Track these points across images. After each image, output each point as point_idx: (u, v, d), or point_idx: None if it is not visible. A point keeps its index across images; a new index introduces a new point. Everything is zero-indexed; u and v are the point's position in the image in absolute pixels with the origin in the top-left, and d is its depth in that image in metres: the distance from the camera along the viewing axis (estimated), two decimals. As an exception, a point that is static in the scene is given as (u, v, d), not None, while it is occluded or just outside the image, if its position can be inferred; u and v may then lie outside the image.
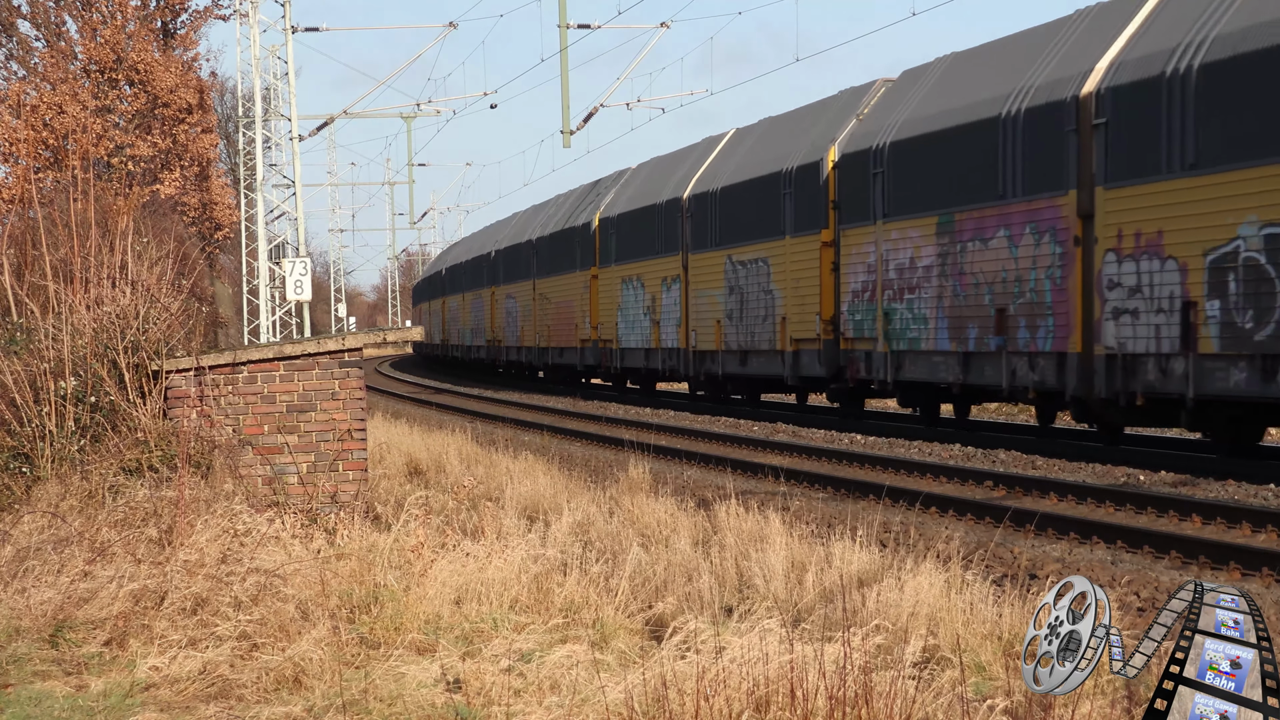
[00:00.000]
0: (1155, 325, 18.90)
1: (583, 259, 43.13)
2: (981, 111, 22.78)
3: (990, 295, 22.49)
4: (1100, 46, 20.67)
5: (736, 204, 32.33)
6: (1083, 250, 20.38)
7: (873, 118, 27.30)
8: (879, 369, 25.88)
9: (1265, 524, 13.52)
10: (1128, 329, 19.39)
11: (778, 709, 6.35)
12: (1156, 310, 18.84)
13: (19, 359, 12.21)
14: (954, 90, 24.48)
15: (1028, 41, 23.09)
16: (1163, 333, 18.75)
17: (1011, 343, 21.91)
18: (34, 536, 9.94)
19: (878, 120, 26.77)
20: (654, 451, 21.10)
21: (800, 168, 29.02)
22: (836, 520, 14.02)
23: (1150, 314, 18.97)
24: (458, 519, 11.78)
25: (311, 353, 12.19)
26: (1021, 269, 21.69)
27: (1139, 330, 19.19)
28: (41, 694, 7.65)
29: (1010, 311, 21.94)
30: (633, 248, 38.84)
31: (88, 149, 37.32)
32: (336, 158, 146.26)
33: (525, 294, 49.91)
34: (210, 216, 54.86)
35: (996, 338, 22.29)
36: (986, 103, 22.78)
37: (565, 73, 43.90)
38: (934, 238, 24.10)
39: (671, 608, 8.96)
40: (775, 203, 30.06)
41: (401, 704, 7.25)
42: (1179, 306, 18.42)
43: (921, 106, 25.19)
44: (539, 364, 48.62)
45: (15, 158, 46.47)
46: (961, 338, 23.31)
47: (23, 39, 52.33)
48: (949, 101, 24.33)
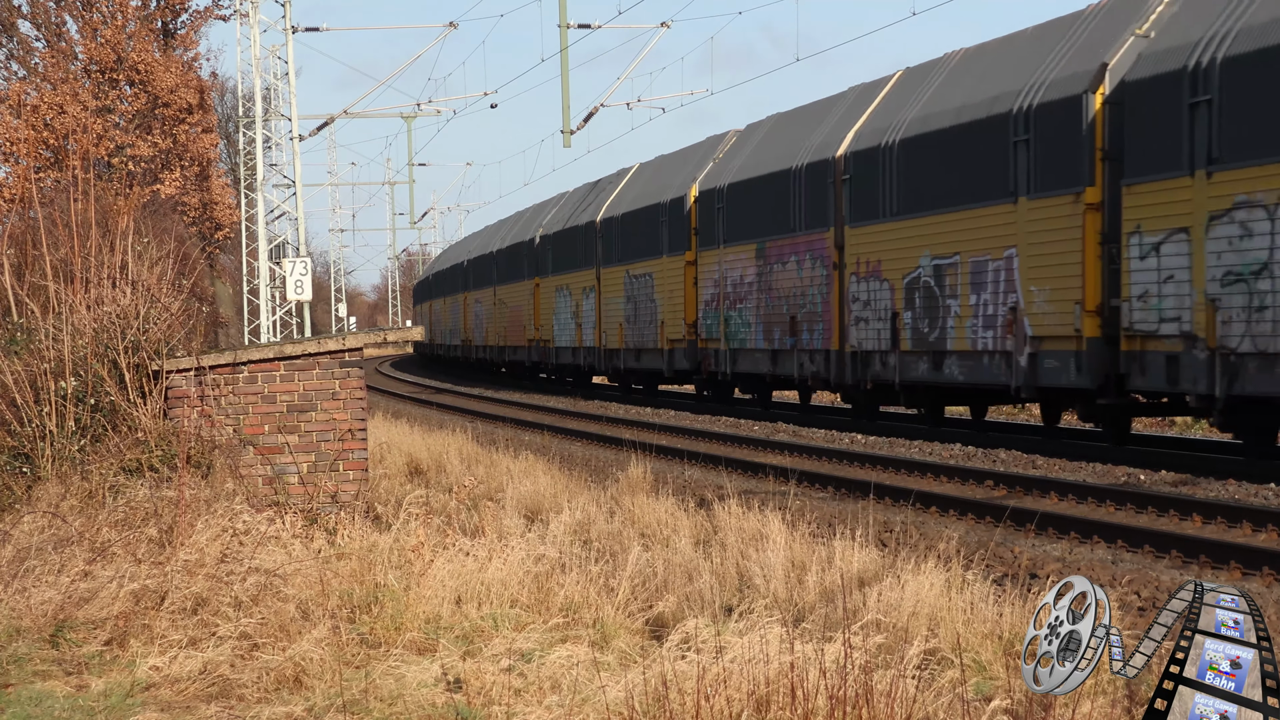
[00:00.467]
0: (877, 330, 25.47)
1: (529, 269, 48.70)
2: (781, 164, 29.34)
3: (787, 305, 28.85)
4: (851, 121, 27.27)
5: (631, 228, 37.85)
6: (839, 273, 26.89)
7: (722, 161, 33.46)
8: (722, 363, 32.10)
9: (1266, 523, 13.52)
10: (863, 332, 25.96)
11: (778, 708, 6.35)
12: (878, 319, 25.41)
13: (19, 359, 12.21)
14: (771, 143, 30.99)
15: (814, 111, 30.13)
16: (881, 335, 25.32)
17: (800, 342, 28.33)
18: (34, 536, 9.94)
19: (723, 164, 33.15)
20: (654, 451, 21.10)
21: (672, 200, 35.04)
22: (837, 520, 14.02)
23: (875, 322, 25.54)
24: (458, 519, 11.79)
25: (312, 353, 12.19)
26: (805, 286, 28.20)
27: (868, 333, 25.79)
28: (42, 694, 7.65)
29: (799, 318, 28.35)
30: (564, 261, 44.27)
31: (88, 149, 37.34)
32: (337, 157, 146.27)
33: (488, 299, 55.88)
34: (210, 216, 54.88)
35: (790, 338, 28.74)
36: (784, 157, 29.36)
37: (565, 72, 43.91)
38: (754, 260, 30.47)
39: (672, 607, 8.97)
40: (656, 228, 35.86)
41: (402, 703, 7.25)
42: (889, 316, 25.02)
43: (751, 155, 31.54)
44: (499, 361, 53.69)
45: (16, 158, 46.49)
46: (771, 338, 29.73)
47: (23, 39, 52.34)
48: (765, 153, 30.75)
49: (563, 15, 43.16)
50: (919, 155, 24.32)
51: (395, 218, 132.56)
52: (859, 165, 26.05)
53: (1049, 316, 20.93)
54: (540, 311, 46.97)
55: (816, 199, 27.67)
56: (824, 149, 27.67)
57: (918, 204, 24.27)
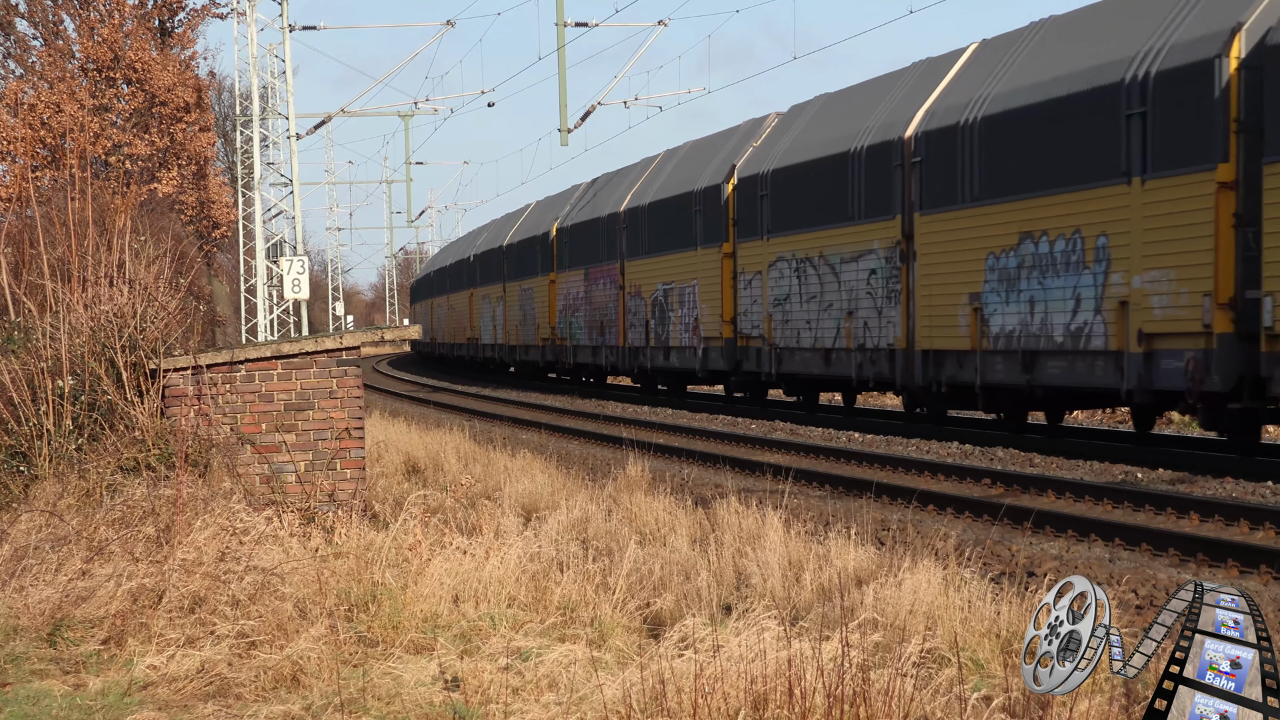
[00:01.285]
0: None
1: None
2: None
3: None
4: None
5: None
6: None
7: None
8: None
9: (1263, 521, 13.52)
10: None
11: (775, 706, 6.35)
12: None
13: (16, 358, 12.20)
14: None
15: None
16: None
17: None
18: (32, 535, 9.93)
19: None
20: (652, 450, 21.09)
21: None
22: (834, 518, 14.02)
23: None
24: (455, 517, 11.78)
25: (309, 351, 12.18)
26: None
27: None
28: (40, 692, 7.64)
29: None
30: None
31: (85, 147, 37.32)
32: (334, 156, 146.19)
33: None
34: (208, 215, 54.85)
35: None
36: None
37: (563, 71, 43.87)
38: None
39: (669, 606, 8.96)
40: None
41: (400, 702, 7.25)
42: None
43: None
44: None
45: (13, 156, 46.46)
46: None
47: (20, 38, 52.32)
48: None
49: (560, 13, 43.14)
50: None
51: (393, 216, 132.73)
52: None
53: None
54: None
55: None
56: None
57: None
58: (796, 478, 17.47)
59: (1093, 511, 14.94)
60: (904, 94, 25.71)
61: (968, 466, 18.30)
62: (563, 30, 43.21)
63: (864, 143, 25.94)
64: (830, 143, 27.27)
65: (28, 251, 15.38)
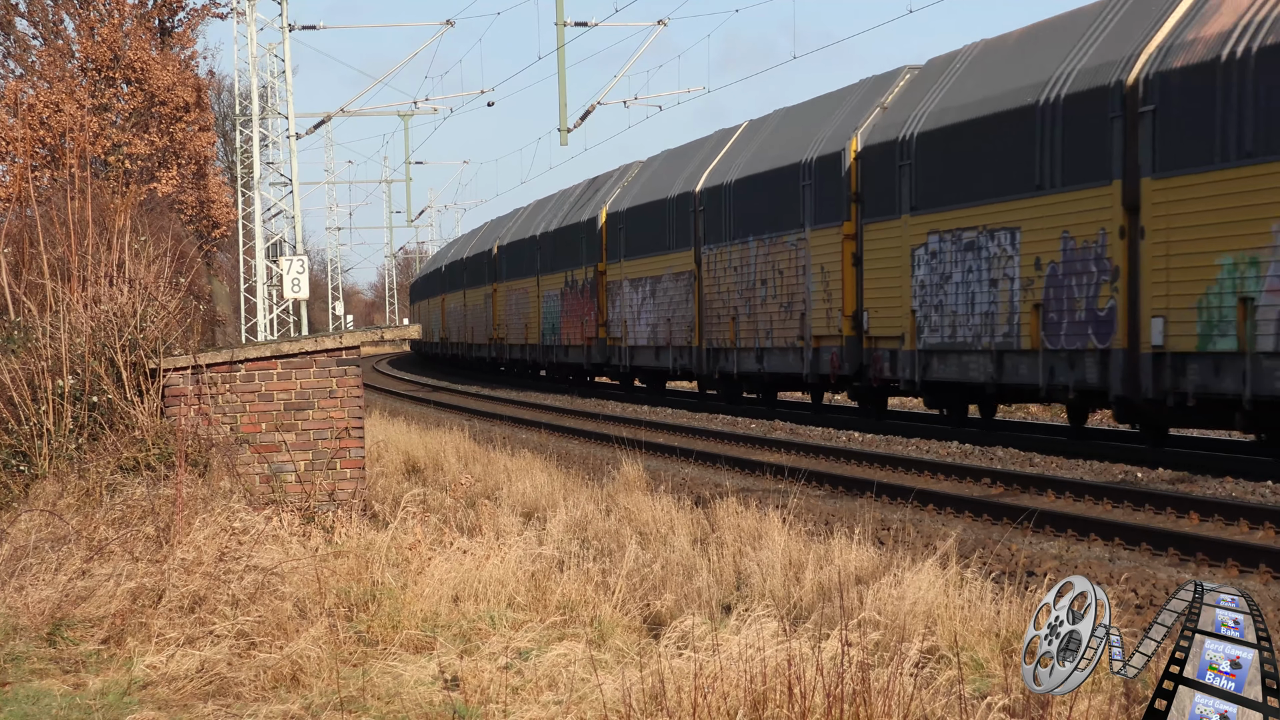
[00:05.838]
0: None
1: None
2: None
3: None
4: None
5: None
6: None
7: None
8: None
9: (1263, 521, 13.51)
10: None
11: (775, 706, 6.35)
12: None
13: (16, 357, 12.20)
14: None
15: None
16: None
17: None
18: (32, 535, 9.93)
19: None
20: (652, 449, 21.08)
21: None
22: (834, 518, 14.03)
23: None
24: (455, 517, 11.78)
25: (309, 351, 12.18)
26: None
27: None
28: (39, 692, 7.64)
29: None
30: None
31: (85, 147, 37.33)
32: (334, 156, 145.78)
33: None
34: (208, 215, 54.84)
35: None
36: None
37: (562, 70, 43.87)
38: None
39: (669, 605, 8.96)
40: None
41: (399, 702, 7.25)
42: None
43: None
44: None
45: (12, 156, 46.46)
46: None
47: (20, 37, 52.31)
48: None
49: (560, 13, 43.14)
50: None
51: (392, 216, 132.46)
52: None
53: None
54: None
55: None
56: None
57: None
58: (796, 477, 17.46)
59: (1093, 511, 14.93)
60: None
61: (968, 466, 18.30)
62: (562, 30, 43.21)
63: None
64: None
65: (28, 251, 15.37)
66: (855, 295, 26.16)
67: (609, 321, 39.44)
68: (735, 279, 31.12)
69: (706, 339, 32.50)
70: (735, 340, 30.90)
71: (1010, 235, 21.64)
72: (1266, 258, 16.86)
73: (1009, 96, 21.87)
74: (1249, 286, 17.08)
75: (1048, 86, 20.82)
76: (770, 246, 29.54)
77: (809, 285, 27.72)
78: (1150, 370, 18.69)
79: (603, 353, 40.00)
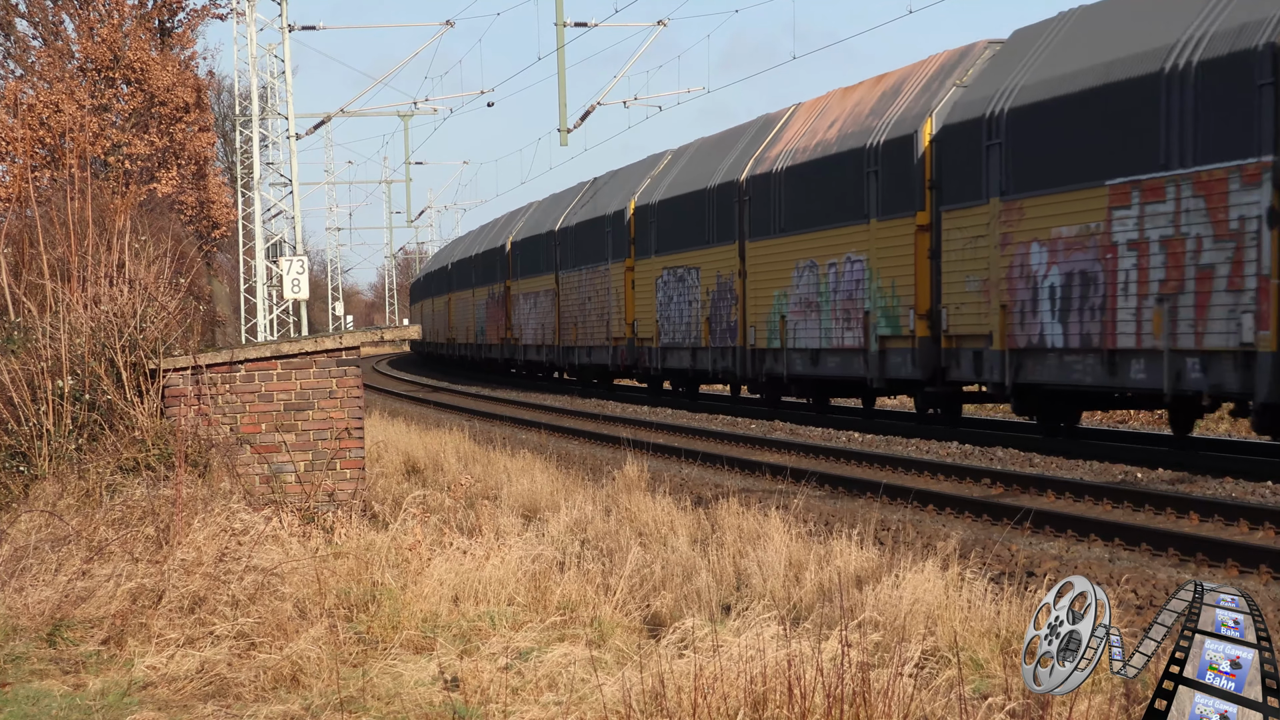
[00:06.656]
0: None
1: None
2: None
3: None
4: None
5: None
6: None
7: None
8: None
9: (1263, 521, 13.51)
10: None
11: (775, 706, 6.34)
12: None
13: (16, 358, 12.20)
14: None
15: None
16: None
17: None
18: (31, 535, 9.93)
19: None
20: (652, 449, 21.08)
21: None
22: (835, 518, 14.03)
23: None
24: (455, 517, 11.78)
25: (309, 351, 12.18)
26: None
27: None
28: (39, 693, 7.64)
29: None
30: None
31: (85, 147, 37.32)
32: (334, 156, 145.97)
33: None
34: (207, 215, 54.83)
35: None
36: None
37: (562, 71, 43.85)
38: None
39: (669, 606, 8.96)
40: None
41: (399, 702, 7.25)
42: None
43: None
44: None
45: (12, 156, 46.45)
46: None
47: (20, 37, 52.30)
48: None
49: (559, 13, 43.12)
50: None
51: (392, 216, 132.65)
52: None
53: None
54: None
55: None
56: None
57: None
58: (797, 478, 17.46)
59: (1092, 511, 14.93)
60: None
61: (968, 466, 18.29)
62: (562, 30, 43.19)
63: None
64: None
65: (28, 251, 15.38)
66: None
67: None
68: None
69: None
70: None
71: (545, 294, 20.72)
72: None
73: (537, 228, 22.92)
74: None
75: (551, 225, 22.98)
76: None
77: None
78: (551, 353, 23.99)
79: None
